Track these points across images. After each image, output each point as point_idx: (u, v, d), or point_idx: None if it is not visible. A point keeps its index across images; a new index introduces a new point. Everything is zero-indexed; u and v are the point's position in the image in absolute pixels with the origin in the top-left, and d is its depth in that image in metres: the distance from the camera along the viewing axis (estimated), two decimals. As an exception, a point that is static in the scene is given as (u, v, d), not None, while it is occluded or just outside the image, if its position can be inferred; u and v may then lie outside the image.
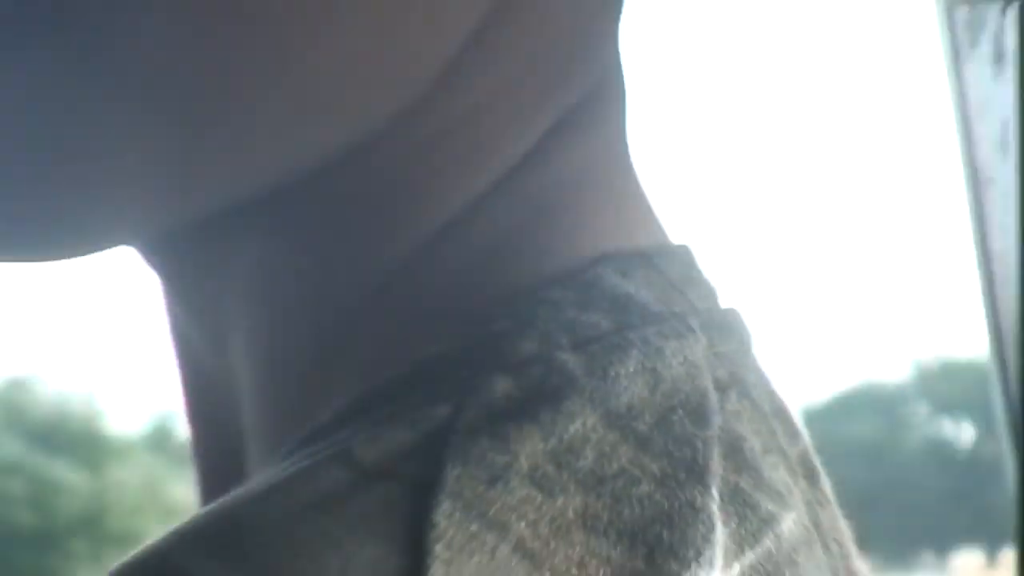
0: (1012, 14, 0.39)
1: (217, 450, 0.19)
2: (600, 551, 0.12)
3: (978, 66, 0.42)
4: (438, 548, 0.11)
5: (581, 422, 0.13)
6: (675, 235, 0.17)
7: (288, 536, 0.12)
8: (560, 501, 0.12)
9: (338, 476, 0.12)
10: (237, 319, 0.17)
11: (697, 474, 0.13)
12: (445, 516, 0.11)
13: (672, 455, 0.13)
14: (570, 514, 0.12)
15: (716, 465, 0.13)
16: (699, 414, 0.14)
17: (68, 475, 8.19)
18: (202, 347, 0.18)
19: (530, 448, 0.12)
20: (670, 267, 0.16)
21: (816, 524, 0.15)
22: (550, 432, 0.13)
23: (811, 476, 0.16)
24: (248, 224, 0.15)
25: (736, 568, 0.13)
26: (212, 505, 0.13)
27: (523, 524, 0.12)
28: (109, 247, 0.15)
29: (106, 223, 0.15)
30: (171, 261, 0.17)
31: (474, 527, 0.12)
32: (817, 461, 0.16)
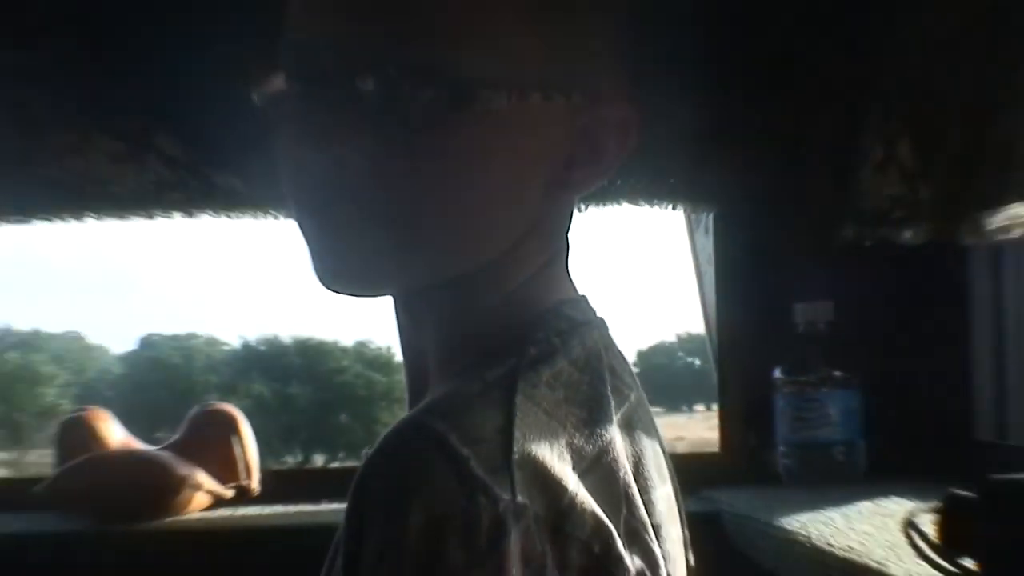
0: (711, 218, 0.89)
1: (414, 380, 0.44)
2: (572, 411, 0.34)
3: (700, 235, 0.92)
4: (518, 413, 0.32)
5: (561, 365, 0.35)
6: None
7: (468, 407, 0.32)
8: (558, 393, 0.34)
9: (479, 384, 0.33)
10: (429, 320, 0.40)
11: (603, 380, 0.36)
12: (519, 401, 0.32)
13: (593, 374, 0.36)
14: (561, 397, 0.34)
15: (607, 376, 0.37)
16: (599, 358, 0.37)
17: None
18: (411, 332, 0.43)
19: (544, 375, 0.34)
20: (583, 304, 0.41)
21: (640, 399, 0.40)
22: (550, 369, 0.34)
23: (636, 381, 0.41)
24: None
25: (618, 415, 0.36)
26: (428, 399, 0.34)
27: (544, 403, 0.33)
28: (387, 294, 0.41)
29: (397, 283, 0.39)
30: (403, 294, 0.41)
31: (529, 404, 0.32)
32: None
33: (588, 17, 0.40)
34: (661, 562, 0.37)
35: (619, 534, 0.34)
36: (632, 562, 0.35)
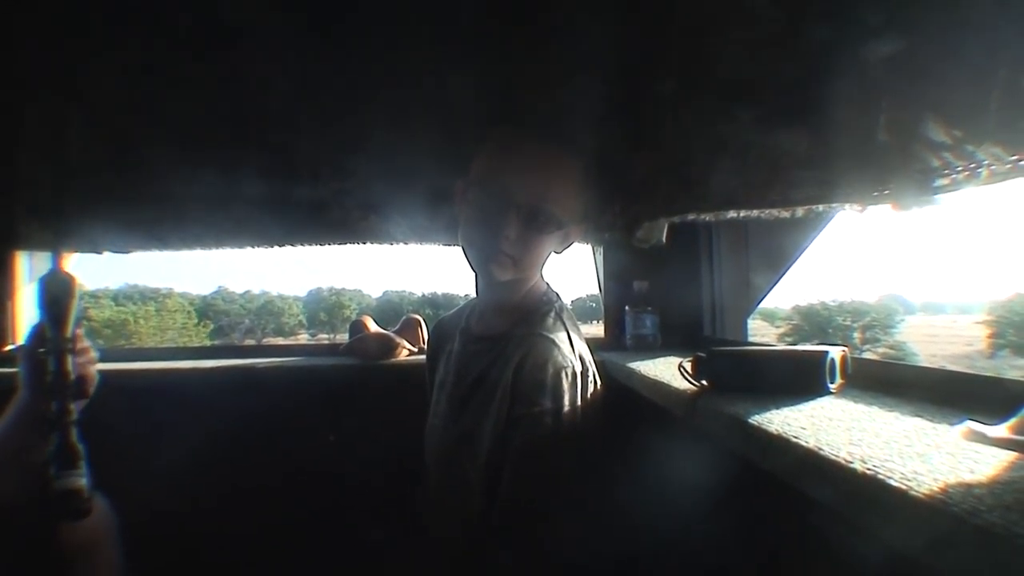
0: (601, 248, 2.19)
1: (483, 314, 1.45)
2: (576, 327, 1.37)
3: (598, 255, 2.22)
4: (568, 331, 1.31)
5: (561, 323, 1.33)
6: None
7: (554, 329, 1.30)
8: (561, 334, 1.29)
9: (550, 321, 1.33)
10: (498, 287, 1.35)
11: (573, 328, 1.35)
12: (567, 325, 1.33)
13: (571, 326, 1.35)
14: (564, 338, 1.29)
15: (571, 326, 1.35)
16: (571, 318, 1.39)
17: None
18: (487, 296, 1.42)
19: (552, 326, 1.31)
20: (553, 290, 1.44)
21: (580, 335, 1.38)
22: (564, 313, 1.36)
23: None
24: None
25: (579, 346, 1.32)
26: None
27: (569, 324, 1.34)
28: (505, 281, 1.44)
29: (517, 275, 1.34)
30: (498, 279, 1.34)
31: (568, 326, 1.33)
32: None
33: (586, 185, 1.32)
34: (596, 381, 1.29)
35: (593, 373, 1.27)
36: (596, 379, 1.28)
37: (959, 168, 0.78)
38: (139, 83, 1.57)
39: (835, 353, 1.06)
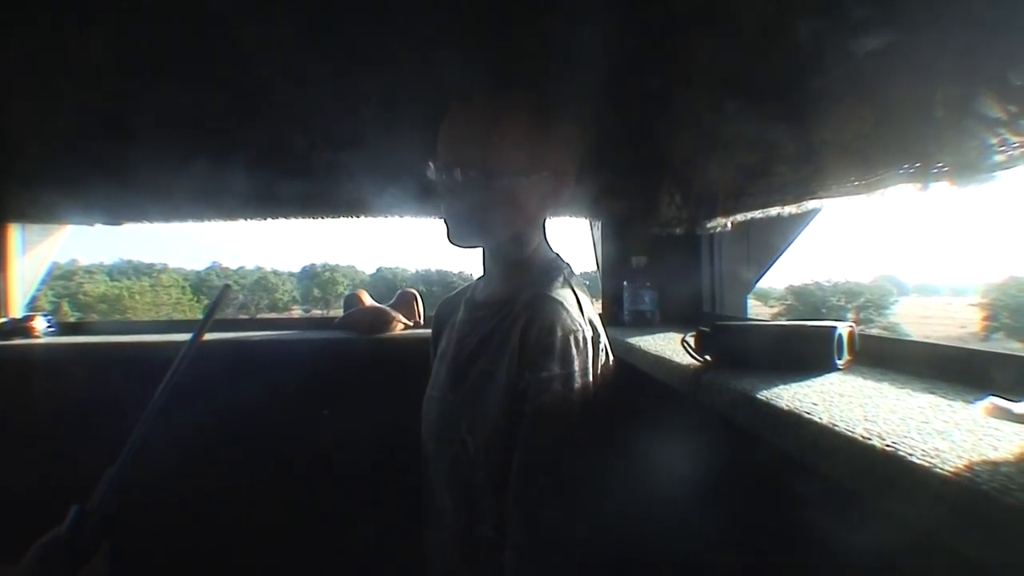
0: (598, 225, 2.15)
1: (488, 281, 1.36)
2: (584, 292, 1.26)
3: (595, 230, 2.18)
4: (577, 293, 1.22)
5: (567, 283, 1.23)
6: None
7: (562, 291, 1.20)
8: (569, 296, 1.19)
9: (557, 284, 1.22)
10: (499, 258, 1.31)
11: (584, 293, 1.25)
12: (575, 289, 1.23)
13: (578, 287, 1.25)
14: (572, 300, 1.19)
15: (581, 291, 1.25)
16: (580, 285, 1.27)
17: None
18: (490, 265, 1.35)
19: (559, 288, 1.21)
20: (563, 259, 1.32)
21: (591, 301, 1.27)
22: (572, 278, 1.26)
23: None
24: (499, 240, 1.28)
25: (587, 315, 1.20)
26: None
27: (578, 289, 1.24)
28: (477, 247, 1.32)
29: (476, 243, 1.29)
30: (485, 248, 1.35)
31: (577, 290, 1.23)
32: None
33: (553, 135, 1.18)
34: (608, 351, 1.20)
35: (604, 342, 1.19)
36: (608, 354, 1.20)
37: (1015, 144, 0.75)
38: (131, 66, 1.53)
39: (843, 329, 1.04)
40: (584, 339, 1.13)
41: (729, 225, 1.63)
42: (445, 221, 1.24)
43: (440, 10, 1.47)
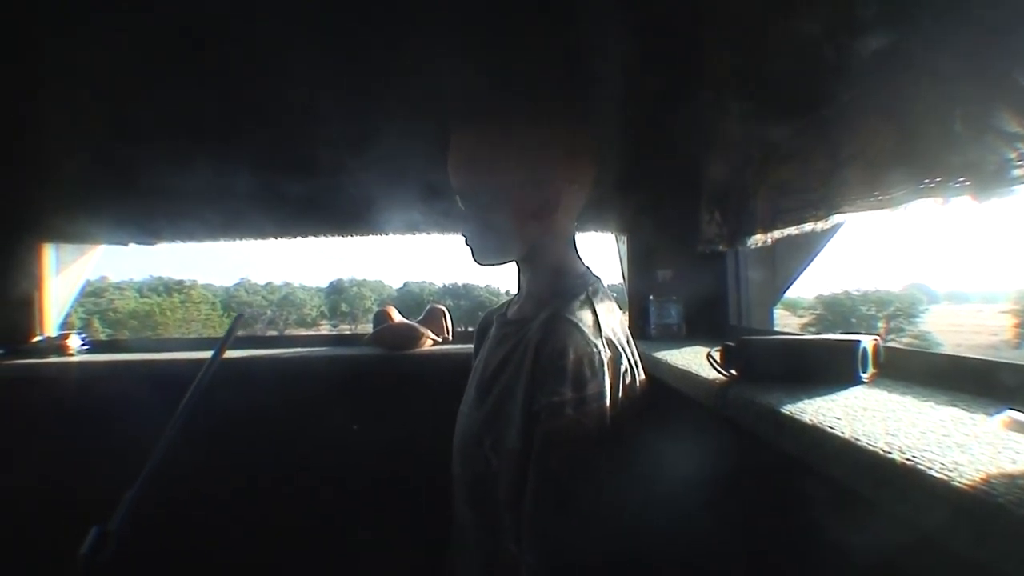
0: (624, 239, 2.18)
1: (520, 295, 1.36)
2: (609, 311, 1.20)
3: (621, 244, 2.20)
4: (598, 313, 1.17)
5: (589, 305, 1.17)
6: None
7: (581, 311, 1.14)
8: (587, 317, 1.14)
9: (578, 303, 1.17)
10: (527, 274, 1.31)
11: (607, 312, 1.19)
12: (596, 308, 1.17)
13: (604, 309, 1.19)
14: (604, 308, 1.19)
15: (605, 309, 1.19)
16: (606, 293, 1.24)
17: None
18: (521, 280, 1.35)
19: (597, 298, 1.20)
20: (591, 269, 1.29)
21: (616, 319, 1.22)
22: (596, 296, 1.20)
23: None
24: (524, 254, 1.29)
25: (608, 330, 1.16)
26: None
27: (600, 308, 1.18)
28: (503, 263, 1.31)
29: (500, 259, 1.29)
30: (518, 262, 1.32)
31: (598, 310, 1.17)
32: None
33: (558, 144, 1.19)
34: (634, 369, 1.18)
35: (628, 361, 1.16)
36: (635, 372, 1.17)
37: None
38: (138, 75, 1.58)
39: (867, 342, 1.05)
40: (600, 361, 1.09)
41: (770, 241, 1.64)
42: (466, 242, 1.28)
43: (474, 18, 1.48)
